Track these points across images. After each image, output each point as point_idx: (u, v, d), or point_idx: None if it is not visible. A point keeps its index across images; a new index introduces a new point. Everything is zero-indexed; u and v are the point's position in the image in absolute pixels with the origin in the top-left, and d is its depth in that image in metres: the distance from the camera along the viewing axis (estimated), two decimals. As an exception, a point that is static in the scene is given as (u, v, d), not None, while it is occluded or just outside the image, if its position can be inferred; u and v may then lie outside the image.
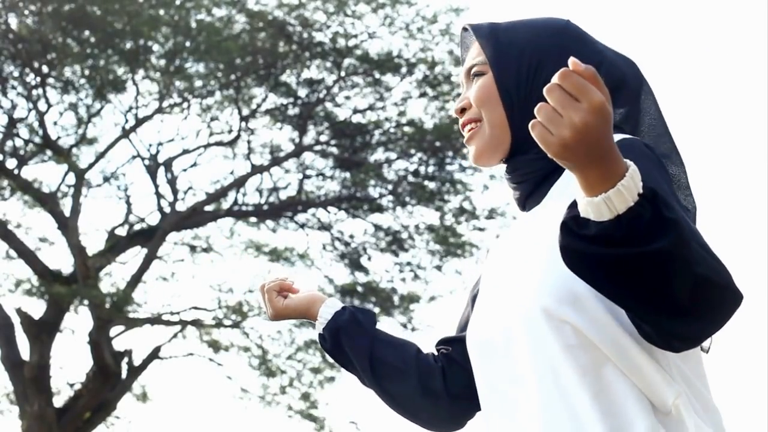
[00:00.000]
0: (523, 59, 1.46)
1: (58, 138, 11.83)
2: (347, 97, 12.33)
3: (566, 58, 1.35)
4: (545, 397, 1.29)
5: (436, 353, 1.66)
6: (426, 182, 12.24)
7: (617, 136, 1.34)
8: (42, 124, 11.51)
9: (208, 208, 12.26)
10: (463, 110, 1.52)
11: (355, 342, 1.64)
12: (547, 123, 1.08)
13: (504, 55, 1.47)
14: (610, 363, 1.27)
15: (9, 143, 11.73)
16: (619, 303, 1.18)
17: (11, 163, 11.72)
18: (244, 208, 12.42)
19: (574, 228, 1.12)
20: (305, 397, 12.20)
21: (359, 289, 12.51)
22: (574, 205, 1.13)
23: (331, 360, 1.78)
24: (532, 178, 1.46)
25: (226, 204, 12.35)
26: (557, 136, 1.08)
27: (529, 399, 1.31)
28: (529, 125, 1.10)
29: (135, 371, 11.56)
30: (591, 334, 1.26)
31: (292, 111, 12.43)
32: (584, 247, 1.12)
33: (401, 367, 1.62)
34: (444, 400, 1.60)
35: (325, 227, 12.62)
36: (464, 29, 1.57)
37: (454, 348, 1.62)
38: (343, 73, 12.03)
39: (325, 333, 1.67)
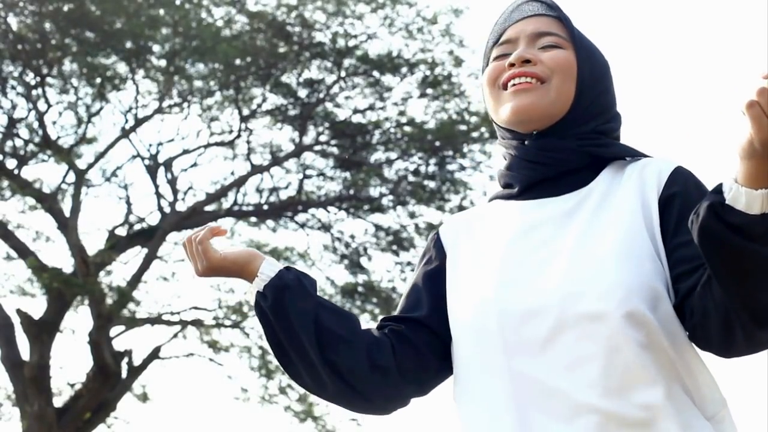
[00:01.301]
0: (593, 62, 1.52)
1: (58, 138, 11.82)
2: (347, 98, 12.33)
3: (611, 87, 1.54)
4: (608, 391, 1.29)
5: (379, 329, 1.56)
6: (426, 182, 12.24)
7: (671, 161, 1.45)
8: (42, 123, 11.50)
9: (208, 208, 12.25)
10: (526, 62, 1.48)
11: (301, 305, 1.47)
12: (767, 108, 1.12)
13: (587, 49, 1.52)
14: (672, 366, 1.31)
15: (9, 143, 11.73)
16: (726, 291, 1.23)
17: (11, 163, 11.72)
18: (244, 208, 12.42)
19: (720, 212, 1.18)
20: (305, 397, 12.21)
21: (360, 289, 12.51)
22: (716, 191, 1.20)
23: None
24: (558, 165, 1.47)
25: (226, 204, 12.35)
26: None
27: (587, 391, 1.30)
28: (746, 103, 1.12)
29: (135, 371, 11.55)
30: (662, 336, 1.31)
31: (292, 111, 12.42)
32: (726, 233, 1.18)
33: (348, 337, 1.48)
34: (393, 376, 1.49)
35: (325, 227, 12.62)
36: (530, 1, 1.56)
37: (406, 326, 1.52)
38: (343, 74, 12.03)
39: (267, 291, 1.48)
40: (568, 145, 1.46)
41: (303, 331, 1.46)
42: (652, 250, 1.35)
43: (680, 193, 1.38)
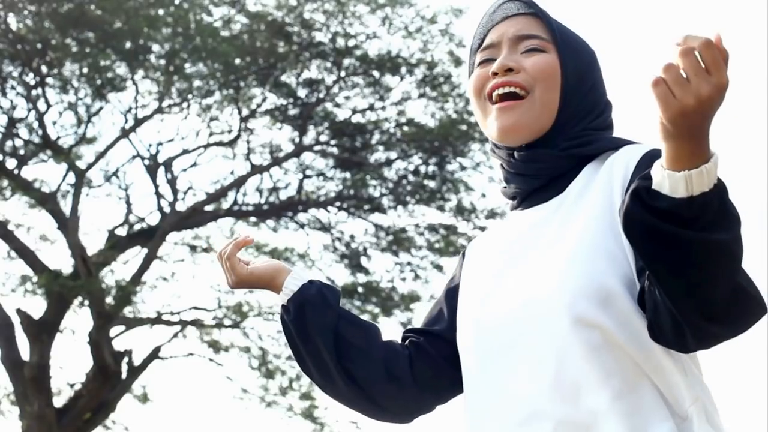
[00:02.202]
0: (578, 60, 1.47)
1: (58, 138, 11.82)
2: (347, 98, 12.34)
3: (599, 81, 1.48)
4: (560, 396, 1.28)
5: (401, 341, 1.61)
6: (426, 182, 12.24)
7: (647, 145, 1.38)
8: (42, 124, 11.50)
9: (208, 208, 12.25)
10: (509, 70, 1.45)
11: (321, 317, 1.54)
12: (672, 84, 1.07)
13: (569, 47, 1.47)
14: (635, 364, 1.27)
15: (9, 143, 11.73)
16: (663, 284, 1.16)
17: (11, 163, 11.72)
18: (244, 208, 12.42)
19: (645, 198, 1.12)
20: (305, 397, 12.20)
21: (360, 289, 12.51)
22: (645, 177, 1.14)
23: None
24: (547, 174, 1.45)
25: (226, 204, 12.35)
26: (679, 101, 1.07)
27: (540, 397, 1.29)
28: (652, 81, 1.08)
29: (135, 371, 11.55)
30: (619, 335, 1.26)
31: (292, 111, 12.42)
32: (650, 219, 1.12)
33: (366, 348, 1.54)
34: (409, 387, 1.54)
35: (325, 227, 12.62)
36: (510, 1, 1.51)
37: (426, 338, 1.57)
38: (342, 74, 12.03)
39: (290, 305, 1.55)
40: (553, 153, 1.44)
41: (322, 343, 1.53)
42: (614, 246, 1.30)
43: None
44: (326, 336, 1.53)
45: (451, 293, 1.59)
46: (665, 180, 1.11)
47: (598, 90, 1.50)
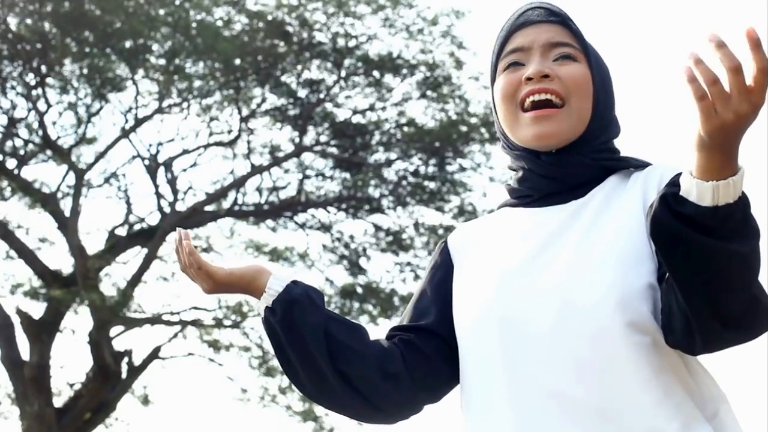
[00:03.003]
0: (603, 69, 1.51)
1: (58, 138, 11.82)
2: (347, 98, 12.34)
3: (613, 96, 1.51)
4: (605, 395, 1.29)
5: (388, 338, 1.57)
6: (426, 182, 12.24)
7: (676, 166, 1.41)
8: (42, 124, 11.50)
9: (208, 208, 12.26)
10: (545, 76, 1.45)
11: (310, 318, 1.48)
12: (716, 99, 1.10)
13: (596, 58, 1.50)
14: (680, 364, 1.31)
15: (9, 143, 11.73)
16: (681, 287, 1.21)
17: (11, 163, 11.72)
18: (244, 208, 12.42)
19: (672, 203, 1.17)
20: (305, 397, 12.19)
21: (359, 289, 12.51)
22: (673, 183, 1.19)
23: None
24: (574, 180, 1.46)
25: (226, 204, 12.35)
26: (721, 116, 1.11)
27: (585, 396, 1.30)
28: (697, 94, 1.11)
29: (135, 371, 11.55)
30: (660, 338, 1.30)
31: (292, 111, 12.42)
32: (675, 223, 1.17)
33: (358, 348, 1.50)
34: (405, 385, 1.50)
35: (325, 227, 12.62)
36: (538, 7, 1.51)
37: (416, 335, 1.53)
38: (343, 74, 12.03)
39: (276, 306, 1.49)
40: (585, 161, 1.46)
41: (313, 344, 1.47)
42: (648, 252, 1.34)
43: None
44: (317, 337, 1.47)
45: (438, 285, 1.56)
46: (693, 188, 1.16)
47: (613, 106, 1.54)
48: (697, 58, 1.09)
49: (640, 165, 1.47)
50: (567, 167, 1.46)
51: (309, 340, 1.47)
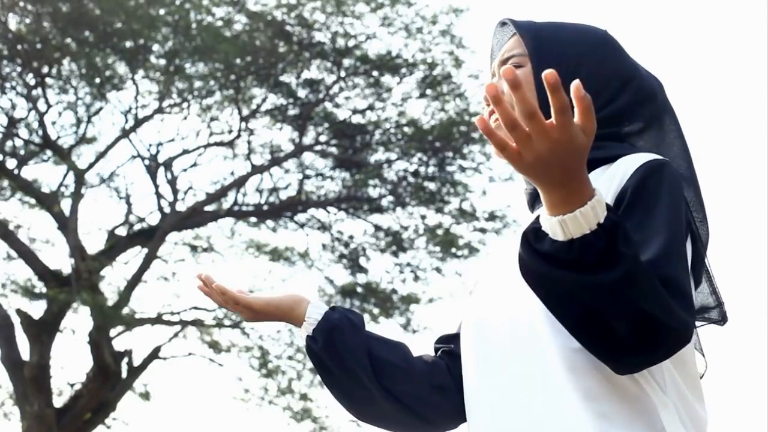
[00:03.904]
0: (563, 59, 1.43)
1: (58, 138, 11.83)
2: (347, 98, 12.34)
3: (604, 67, 1.42)
4: (535, 395, 1.28)
5: (434, 352, 1.62)
6: (426, 183, 12.24)
7: (652, 155, 1.34)
8: (42, 123, 11.51)
9: (208, 208, 12.26)
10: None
11: (352, 342, 1.53)
12: (518, 142, 1.07)
13: (545, 51, 1.45)
14: (606, 367, 1.25)
15: (9, 143, 11.73)
16: (566, 325, 1.17)
17: (11, 163, 11.73)
18: (244, 208, 12.42)
19: (531, 240, 1.14)
20: (305, 397, 12.20)
21: (359, 289, 12.51)
22: (537, 219, 1.15)
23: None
24: None
25: (226, 204, 12.35)
26: (526, 159, 1.08)
27: (519, 395, 1.30)
28: (497, 147, 1.08)
29: (135, 371, 11.56)
30: None
31: (292, 111, 12.43)
32: (534, 260, 1.13)
33: (404, 365, 1.54)
34: (452, 395, 1.53)
35: (325, 227, 12.63)
36: (502, 23, 1.54)
37: (457, 345, 1.56)
38: (342, 74, 12.03)
39: (317, 335, 1.54)
40: None
41: (358, 366, 1.52)
42: None
43: (631, 188, 1.29)
44: (360, 359, 1.52)
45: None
46: (546, 223, 1.12)
47: (601, 77, 1.44)
48: (496, 97, 1.05)
49: (615, 156, 1.39)
50: None
51: (353, 363, 1.52)
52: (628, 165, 1.33)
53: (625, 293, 1.11)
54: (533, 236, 1.13)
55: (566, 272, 1.11)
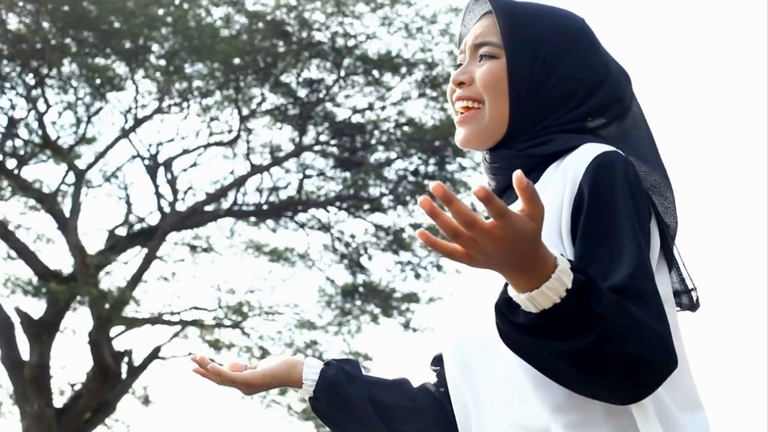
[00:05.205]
0: (538, 56, 1.41)
1: (58, 138, 11.83)
2: (347, 97, 12.35)
3: (579, 69, 1.40)
4: (511, 413, 1.29)
5: (432, 376, 1.63)
6: (426, 182, 12.24)
7: (601, 147, 1.30)
8: (41, 124, 11.51)
9: (208, 208, 12.26)
10: (461, 83, 1.46)
11: (353, 394, 1.57)
12: (465, 246, 1.06)
13: (521, 47, 1.41)
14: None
15: (9, 143, 11.74)
16: (555, 382, 1.20)
17: (11, 163, 11.73)
18: (244, 208, 12.43)
19: (506, 312, 1.14)
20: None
21: (360, 289, 12.52)
22: (507, 287, 1.14)
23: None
24: (506, 174, 1.41)
25: (226, 204, 12.36)
26: (477, 258, 1.08)
27: (501, 414, 1.31)
28: (447, 255, 1.07)
29: (135, 371, 11.57)
30: None
31: (292, 111, 12.43)
32: (513, 332, 1.14)
33: (408, 404, 1.58)
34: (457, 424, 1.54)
35: (325, 227, 12.63)
36: None
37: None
38: (342, 73, 12.04)
39: (318, 395, 1.58)
40: (509, 153, 1.41)
41: (364, 416, 1.56)
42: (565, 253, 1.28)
43: (587, 196, 1.26)
44: (365, 408, 1.56)
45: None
46: (516, 298, 1.12)
47: (575, 78, 1.41)
48: (433, 211, 1.04)
49: (570, 147, 1.35)
50: (497, 162, 1.43)
51: (359, 415, 1.56)
52: (579, 160, 1.30)
53: (605, 349, 1.12)
54: (507, 309, 1.14)
55: (546, 341, 1.12)
